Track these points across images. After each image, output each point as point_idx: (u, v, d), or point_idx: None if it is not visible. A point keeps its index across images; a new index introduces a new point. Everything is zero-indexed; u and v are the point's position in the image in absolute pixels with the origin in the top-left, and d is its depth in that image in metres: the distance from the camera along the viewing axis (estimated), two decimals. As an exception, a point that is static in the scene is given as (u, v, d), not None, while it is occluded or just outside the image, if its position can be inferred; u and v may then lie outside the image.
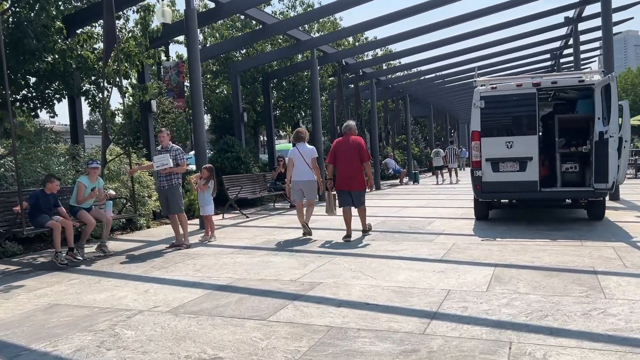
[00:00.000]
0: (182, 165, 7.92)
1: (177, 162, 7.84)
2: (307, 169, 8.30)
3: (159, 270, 6.34)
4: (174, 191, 7.86)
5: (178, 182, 7.90)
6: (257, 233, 9.07)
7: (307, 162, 8.28)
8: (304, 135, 8.47)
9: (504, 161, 8.62)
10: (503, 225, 8.64)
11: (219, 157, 14.09)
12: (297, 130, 8.69)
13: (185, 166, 8.11)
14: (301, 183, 8.34)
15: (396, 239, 7.77)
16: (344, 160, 7.85)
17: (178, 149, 7.97)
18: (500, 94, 8.67)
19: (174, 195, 7.86)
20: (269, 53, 15.43)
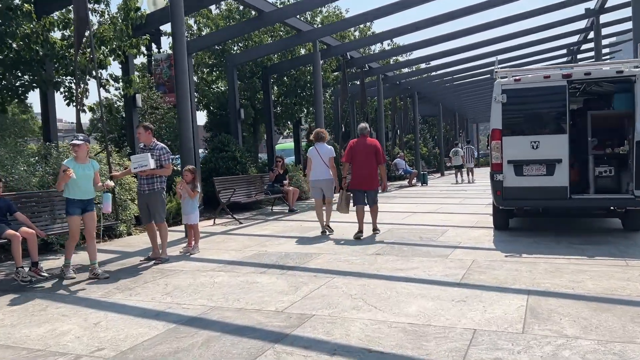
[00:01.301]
0: (166, 167, 6.82)
1: (161, 163, 6.77)
2: (325, 168, 8.52)
3: (122, 293, 5.32)
4: (156, 197, 6.77)
5: (162, 186, 6.83)
6: (247, 243, 8.04)
7: (325, 161, 8.49)
8: (324, 135, 8.79)
9: (528, 164, 7.53)
10: (527, 237, 7.56)
11: (213, 157, 13.10)
12: (317, 130, 8.96)
13: (171, 168, 7.02)
14: (321, 182, 8.55)
15: (405, 253, 6.72)
16: (360, 161, 8.12)
17: (162, 148, 6.86)
18: (524, 87, 7.58)
19: (155, 202, 6.78)
20: (268, 45, 14.41)
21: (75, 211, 5.99)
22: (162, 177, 6.87)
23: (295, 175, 15.51)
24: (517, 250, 6.66)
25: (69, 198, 6.02)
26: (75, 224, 6.01)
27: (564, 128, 7.40)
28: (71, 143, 6.17)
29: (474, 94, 31.27)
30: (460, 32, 16.37)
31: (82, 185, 6.04)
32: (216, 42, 12.71)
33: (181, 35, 8.68)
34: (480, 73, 24.15)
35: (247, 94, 16.45)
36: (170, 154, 6.98)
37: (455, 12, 13.55)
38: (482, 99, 33.63)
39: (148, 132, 6.87)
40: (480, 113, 45.94)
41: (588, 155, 7.71)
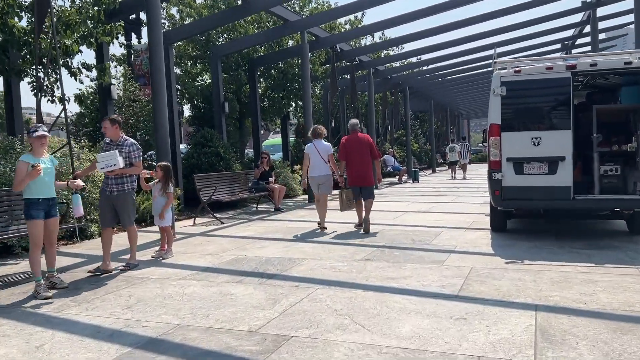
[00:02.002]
0: (137, 165, 6.15)
1: (131, 160, 6.10)
2: (323, 164, 8.57)
3: (78, 307, 4.71)
4: (126, 199, 6.08)
5: (132, 187, 6.14)
6: (226, 246, 7.44)
7: (323, 158, 8.56)
8: (322, 132, 8.77)
9: (529, 161, 7.01)
10: (527, 241, 7.04)
11: (195, 152, 12.46)
12: (314, 127, 9.00)
13: (142, 166, 6.32)
14: (318, 178, 8.57)
15: (397, 259, 6.16)
16: (356, 157, 8.20)
17: (132, 144, 6.16)
18: (525, 79, 7.05)
19: (126, 204, 6.08)
20: (254, 35, 13.76)
21: (40, 214, 5.16)
22: (132, 176, 6.19)
23: (283, 172, 14.92)
24: (517, 255, 6.13)
25: (31, 199, 5.16)
26: (39, 229, 5.15)
27: (568, 123, 6.87)
28: (39, 135, 5.37)
29: (466, 90, 30.78)
30: (452, 25, 15.80)
31: (48, 182, 5.36)
32: (198, 31, 12.06)
33: (157, 21, 8.04)
34: (472, 68, 23.62)
35: (233, 87, 15.80)
36: (140, 150, 6.29)
37: (448, 3, 12.99)
38: (474, 94, 33.19)
39: (115, 126, 6.17)
40: (472, 109, 45.58)
41: (592, 152, 7.19)
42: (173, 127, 11.83)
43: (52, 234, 5.33)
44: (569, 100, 6.86)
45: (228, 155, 12.61)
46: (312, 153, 8.61)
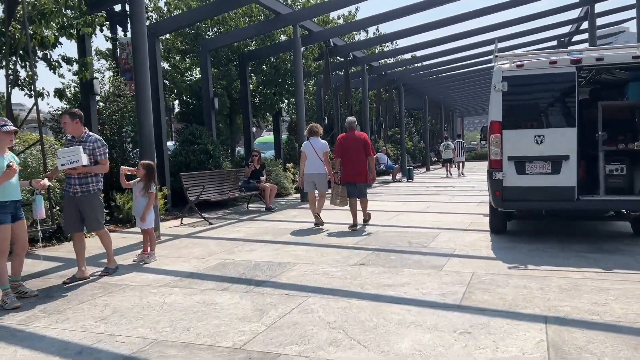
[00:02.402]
0: (102, 163, 5.66)
1: (96, 158, 5.61)
2: (319, 162, 8.67)
3: (48, 318, 4.32)
4: (91, 200, 5.57)
5: (98, 187, 5.64)
6: (213, 249, 7.06)
7: (319, 156, 8.66)
8: (318, 130, 8.88)
9: (531, 160, 6.68)
10: (528, 243, 6.71)
11: (183, 150, 12.04)
12: (311, 125, 9.11)
13: (108, 164, 5.81)
14: (314, 176, 8.68)
15: (393, 263, 5.81)
16: (351, 155, 8.30)
17: (97, 140, 5.65)
18: (528, 74, 6.71)
19: (92, 206, 5.57)
20: (244, 29, 13.34)
21: (7, 218, 4.70)
22: (98, 175, 5.65)
23: (275, 170, 14.53)
24: (520, 260, 5.80)
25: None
26: (7, 234, 4.72)
27: (573, 121, 6.55)
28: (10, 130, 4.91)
29: (460, 87, 30.53)
30: (447, 20, 15.46)
31: (15, 183, 4.94)
32: (187, 23, 11.63)
33: (140, 10, 7.64)
34: (467, 65, 23.34)
35: (223, 83, 15.38)
36: (106, 146, 5.75)
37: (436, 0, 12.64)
38: (469, 92, 32.95)
39: (76, 121, 5.53)
40: (466, 107, 45.39)
41: (598, 151, 6.87)
42: (160, 123, 11.43)
43: (20, 237, 4.92)
44: (573, 96, 6.54)
45: (217, 153, 12.21)
46: (308, 151, 8.71)
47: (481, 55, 21.49)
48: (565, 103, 6.69)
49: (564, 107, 6.68)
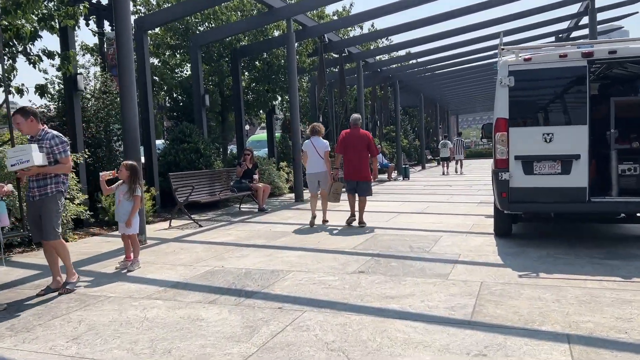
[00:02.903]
0: (63, 162, 5.01)
1: (55, 157, 4.97)
2: (321, 161, 8.69)
3: (15, 337, 3.88)
4: (47, 205, 4.91)
5: (57, 189, 4.99)
6: (201, 255, 6.63)
7: (320, 154, 8.68)
8: (320, 129, 8.92)
9: (540, 160, 6.30)
10: (537, 248, 6.33)
11: (173, 149, 11.58)
12: (313, 124, 9.17)
13: (70, 163, 5.14)
14: (317, 175, 8.72)
15: (395, 271, 5.41)
16: (353, 152, 8.35)
17: (55, 137, 5.01)
18: (536, 68, 6.33)
19: (47, 211, 4.91)
20: (236, 23, 12.87)
21: None
22: (59, 176, 5.02)
23: (268, 170, 14.10)
24: (530, 266, 5.42)
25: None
26: None
27: (584, 117, 6.17)
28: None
29: (456, 84, 30.15)
30: (443, 16, 15.03)
31: None
32: (176, 17, 11.16)
33: (124, 3, 7.18)
34: (462, 62, 22.94)
35: (215, 79, 14.91)
36: (67, 144, 5.08)
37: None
38: (464, 89, 32.61)
39: (30, 119, 4.96)
40: (461, 105, 45.10)
41: (609, 150, 6.50)
42: (148, 121, 10.98)
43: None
44: (585, 91, 6.16)
45: (208, 152, 11.77)
46: (309, 150, 8.74)
47: (477, 52, 21.13)
48: (575, 99, 6.31)
49: (575, 103, 6.30)
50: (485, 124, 10.11)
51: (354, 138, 8.40)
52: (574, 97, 6.32)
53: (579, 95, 6.25)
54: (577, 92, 6.28)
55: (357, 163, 8.36)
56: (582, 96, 6.19)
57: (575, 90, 6.30)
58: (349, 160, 8.42)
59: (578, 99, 6.27)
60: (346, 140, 8.44)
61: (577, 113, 6.25)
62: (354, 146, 8.36)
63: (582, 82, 6.16)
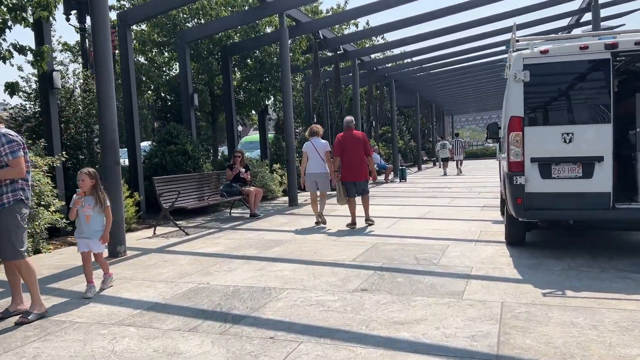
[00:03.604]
0: (12, 165, 4.16)
1: (2, 159, 4.16)
2: (321, 162, 8.76)
3: (-48, 380, 3.24)
4: (5, 218, 4.17)
5: (15, 198, 4.21)
6: (186, 268, 5.99)
7: (320, 155, 8.75)
8: (318, 130, 9.02)
9: (558, 162, 5.72)
10: (556, 259, 5.75)
11: (159, 151, 10.93)
12: (312, 125, 9.31)
13: (22, 166, 4.21)
14: (316, 175, 8.78)
15: (401, 289, 4.81)
16: (350, 154, 8.41)
17: (2, 137, 4.17)
18: (554, 61, 5.75)
19: (5, 226, 4.17)
20: (226, 18, 12.23)
21: None
22: (15, 183, 4.23)
23: (260, 172, 13.47)
24: (553, 282, 4.83)
25: None
26: None
27: (607, 115, 5.59)
28: None
29: (452, 84, 29.62)
30: (440, 12, 14.44)
31: None
32: (161, 10, 10.51)
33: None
34: (459, 60, 22.39)
35: (205, 78, 14.25)
36: (17, 143, 4.21)
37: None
38: (459, 90, 32.10)
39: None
40: (455, 105, 44.64)
41: (634, 151, 5.94)
42: (132, 121, 10.33)
43: None
44: (608, 86, 5.59)
45: (197, 154, 11.12)
46: (310, 151, 8.81)
47: (472, 50, 20.62)
48: (598, 95, 5.74)
49: (597, 99, 5.73)
50: (490, 123, 9.55)
51: (350, 140, 8.45)
52: (596, 92, 5.75)
53: (601, 91, 5.68)
54: (599, 88, 5.72)
55: (356, 164, 8.42)
56: (605, 92, 5.62)
57: (598, 85, 5.74)
58: (347, 163, 8.43)
59: (600, 95, 5.70)
60: (342, 144, 8.46)
61: (599, 110, 5.67)
62: (350, 148, 8.40)
63: (605, 76, 5.59)
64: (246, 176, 10.47)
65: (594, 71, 5.69)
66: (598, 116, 5.67)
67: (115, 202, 6.76)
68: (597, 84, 5.74)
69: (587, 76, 5.77)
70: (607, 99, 5.58)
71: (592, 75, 5.74)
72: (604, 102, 5.62)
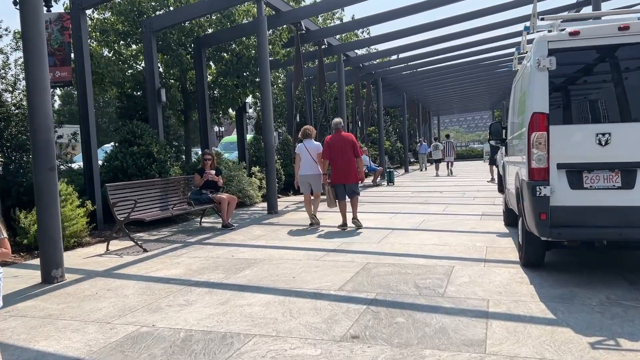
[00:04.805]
0: None
1: None
2: (313, 163, 8.81)
3: None
4: None
5: None
6: (131, 301, 4.79)
7: (313, 157, 8.79)
8: (311, 132, 9.03)
9: (592, 169, 4.67)
10: (587, 287, 4.68)
11: (120, 153, 9.68)
12: (304, 127, 9.25)
13: None
14: (308, 177, 8.82)
15: (404, 335, 3.68)
16: (339, 156, 8.39)
17: None
18: (586, 45, 4.70)
19: None
20: (196, 4, 10.94)
21: None
22: None
23: (237, 176, 12.28)
24: (598, 324, 3.75)
25: None
26: None
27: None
28: None
29: (438, 84, 28.69)
30: (427, 4, 13.39)
31: None
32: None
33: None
34: (445, 59, 21.38)
35: (176, 73, 13.00)
36: None
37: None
38: (446, 90, 31.23)
39: None
40: (441, 105, 43.87)
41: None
42: (87, 118, 9.07)
43: None
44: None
45: (163, 156, 9.89)
46: (302, 153, 8.84)
47: (459, 47, 19.67)
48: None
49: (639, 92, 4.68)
50: (492, 122, 8.51)
51: (339, 142, 8.39)
52: (639, 83, 4.70)
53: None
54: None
55: (345, 167, 8.38)
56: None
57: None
58: (336, 165, 8.40)
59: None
60: (331, 146, 8.40)
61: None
62: (339, 150, 8.35)
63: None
64: (218, 181, 9.27)
65: (636, 57, 4.64)
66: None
67: (50, 216, 5.57)
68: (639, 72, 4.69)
69: (628, 63, 4.72)
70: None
71: (633, 62, 4.69)
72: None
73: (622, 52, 4.66)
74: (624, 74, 4.75)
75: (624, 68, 4.75)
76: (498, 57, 22.21)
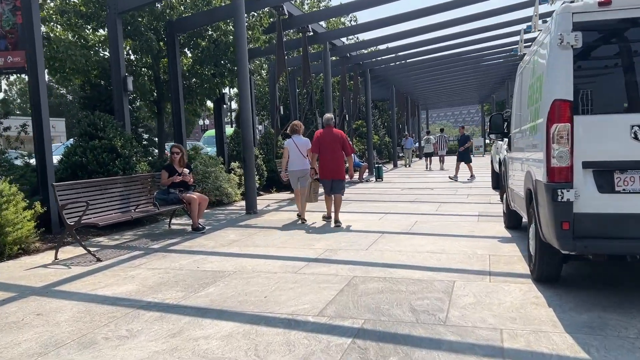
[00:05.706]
0: None
1: None
2: (302, 159, 8.84)
3: None
4: None
5: None
6: (62, 331, 3.86)
7: (302, 152, 8.82)
8: (299, 128, 9.08)
9: (625, 169, 3.85)
10: (619, 314, 3.87)
11: (80, 147, 8.69)
12: (292, 123, 9.36)
13: None
14: (298, 172, 8.90)
15: (399, 387, 2.82)
16: (328, 152, 8.35)
17: None
18: (620, 17, 3.87)
19: None
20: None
21: None
22: None
23: (214, 172, 11.33)
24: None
25: None
26: None
27: (701, 99, 3.73)
28: None
29: (427, 76, 27.85)
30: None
31: None
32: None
33: None
34: (434, 50, 20.53)
35: (148, 61, 11.98)
36: None
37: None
38: (435, 83, 30.45)
39: None
40: (430, 99, 43.14)
41: None
42: (40, 109, 8.07)
43: None
44: (703, 56, 3.72)
45: (129, 151, 8.91)
46: (291, 148, 8.86)
47: (449, 38, 18.86)
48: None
49: (684, 75, 3.86)
50: (493, 114, 7.73)
51: (329, 137, 8.35)
52: (684, 65, 3.88)
53: (691, 63, 3.82)
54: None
55: (333, 162, 8.34)
56: (698, 64, 3.75)
57: (685, 54, 3.87)
58: (324, 160, 8.38)
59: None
60: (321, 140, 8.38)
61: (688, 92, 3.81)
62: (328, 146, 8.31)
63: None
64: (188, 179, 8.32)
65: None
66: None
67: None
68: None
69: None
70: (701, 74, 3.72)
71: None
72: (696, 79, 3.76)
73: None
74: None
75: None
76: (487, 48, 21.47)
